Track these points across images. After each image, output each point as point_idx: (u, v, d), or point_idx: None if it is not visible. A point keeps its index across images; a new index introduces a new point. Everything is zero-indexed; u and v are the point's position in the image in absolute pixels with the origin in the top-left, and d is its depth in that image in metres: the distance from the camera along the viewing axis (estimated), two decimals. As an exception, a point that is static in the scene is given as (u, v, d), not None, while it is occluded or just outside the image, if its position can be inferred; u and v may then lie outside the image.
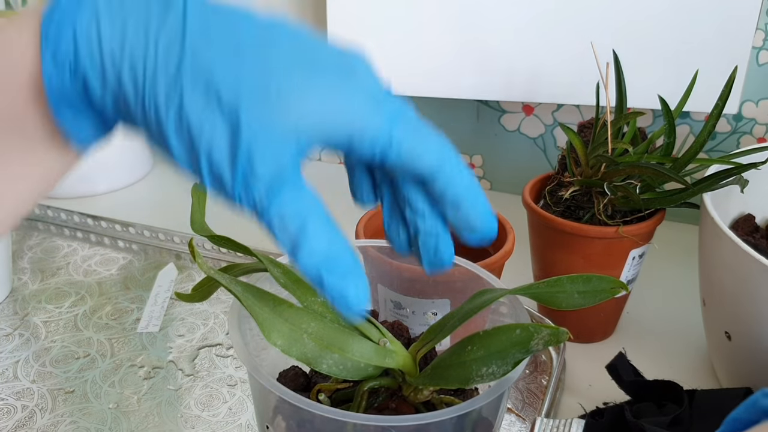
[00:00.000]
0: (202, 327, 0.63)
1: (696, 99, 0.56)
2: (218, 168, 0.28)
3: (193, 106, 0.27)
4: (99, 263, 0.73)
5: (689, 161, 0.53)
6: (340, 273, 0.29)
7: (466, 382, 0.32)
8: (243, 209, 0.28)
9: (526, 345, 0.31)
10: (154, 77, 0.27)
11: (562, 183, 0.58)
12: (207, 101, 0.27)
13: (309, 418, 0.33)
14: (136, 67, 0.27)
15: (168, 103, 0.27)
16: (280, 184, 0.28)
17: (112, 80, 0.28)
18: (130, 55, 0.27)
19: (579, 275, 0.34)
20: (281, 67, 0.28)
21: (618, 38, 0.66)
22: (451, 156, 0.31)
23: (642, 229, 0.55)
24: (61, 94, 0.28)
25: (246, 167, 0.27)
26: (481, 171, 0.88)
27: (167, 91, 0.27)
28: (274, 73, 0.27)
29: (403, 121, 0.30)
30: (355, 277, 0.29)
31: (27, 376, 0.57)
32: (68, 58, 0.28)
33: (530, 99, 0.74)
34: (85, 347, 0.61)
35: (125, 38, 0.27)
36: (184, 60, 0.27)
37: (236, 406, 0.54)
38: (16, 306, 0.66)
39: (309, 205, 0.29)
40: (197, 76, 0.27)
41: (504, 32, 0.71)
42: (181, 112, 0.27)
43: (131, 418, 0.53)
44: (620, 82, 0.57)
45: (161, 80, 0.27)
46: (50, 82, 0.28)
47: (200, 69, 0.27)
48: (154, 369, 0.58)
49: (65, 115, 0.29)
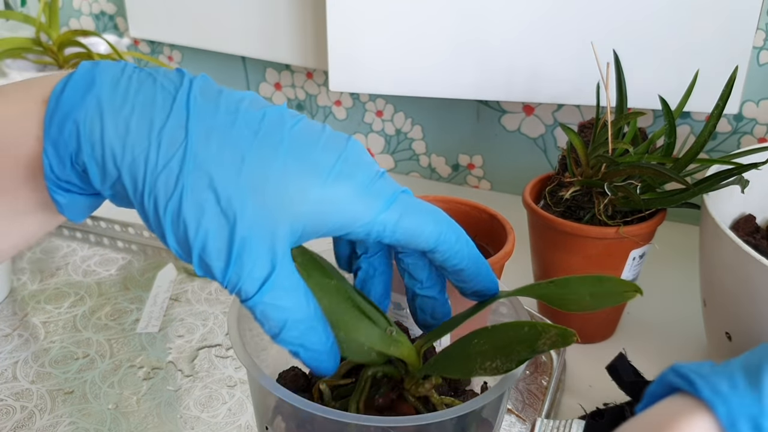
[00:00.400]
0: (201, 327, 0.63)
1: (696, 99, 0.56)
2: (209, 263, 0.29)
3: (190, 208, 0.28)
4: (98, 263, 0.73)
5: (690, 161, 0.53)
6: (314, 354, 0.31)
7: (468, 374, 0.32)
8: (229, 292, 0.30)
9: (533, 344, 0.31)
10: (154, 177, 0.28)
11: (562, 183, 0.58)
12: (204, 204, 0.28)
13: (308, 418, 0.33)
14: (137, 166, 0.28)
15: (167, 203, 0.28)
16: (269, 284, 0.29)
17: (113, 174, 0.28)
18: (131, 153, 0.28)
19: (589, 276, 0.33)
20: (279, 169, 0.28)
21: (618, 38, 0.66)
22: (449, 230, 0.33)
23: (642, 229, 0.55)
24: (58, 180, 0.29)
25: (235, 265, 0.28)
26: (481, 171, 0.88)
27: (167, 191, 0.28)
28: (272, 175, 0.28)
29: (397, 207, 0.31)
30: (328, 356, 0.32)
31: (26, 377, 0.57)
32: (69, 150, 0.28)
33: (531, 99, 0.74)
34: (85, 348, 0.61)
35: (128, 136, 0.28)
36: (185, 163, 0.28)
37: (236, 407, 0.54)
38: (15, 306, 0.66)
39: (294, 304, 0.30)
40: (197, 179, 0.28)
41: (504, 32, 0.71)
42: (180, 211, 0.28)
43: (130, 418, 0.53)
44: (621, 82, 0.57)
45: (161, 180, 0.28)
46: (50, 169, 0.29)
47: (200, 173, 0.28)
48: (154, 369, 0.58)
49: (60, 196, 0.30)
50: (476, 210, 0.58)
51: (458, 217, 0.59)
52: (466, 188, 0.90)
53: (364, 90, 0.80)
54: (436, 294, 0.36)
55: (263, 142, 0.29)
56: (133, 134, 0.28)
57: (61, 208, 0.30)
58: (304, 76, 0.92)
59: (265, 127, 0.29)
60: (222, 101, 0.29)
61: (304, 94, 0.94)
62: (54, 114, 0.28)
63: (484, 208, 0.57)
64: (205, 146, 0.28)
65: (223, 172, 0.28)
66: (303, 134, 0.30)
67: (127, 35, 0.99)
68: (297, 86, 0.93)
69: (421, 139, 0.89)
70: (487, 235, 0.57)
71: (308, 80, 0.92)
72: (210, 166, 0.28)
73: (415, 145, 0.90)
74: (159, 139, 0.28)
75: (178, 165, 0.28)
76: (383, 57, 0.76)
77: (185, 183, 0.28)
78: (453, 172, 0.90)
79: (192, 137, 0.28)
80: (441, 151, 0.89)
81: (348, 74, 0.78)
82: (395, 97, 0.88)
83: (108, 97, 0.28)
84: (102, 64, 0.29)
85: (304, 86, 0.93)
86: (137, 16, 0.95)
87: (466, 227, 0.59)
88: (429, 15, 0.73)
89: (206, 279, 0.70)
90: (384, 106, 0.89)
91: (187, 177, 0.28)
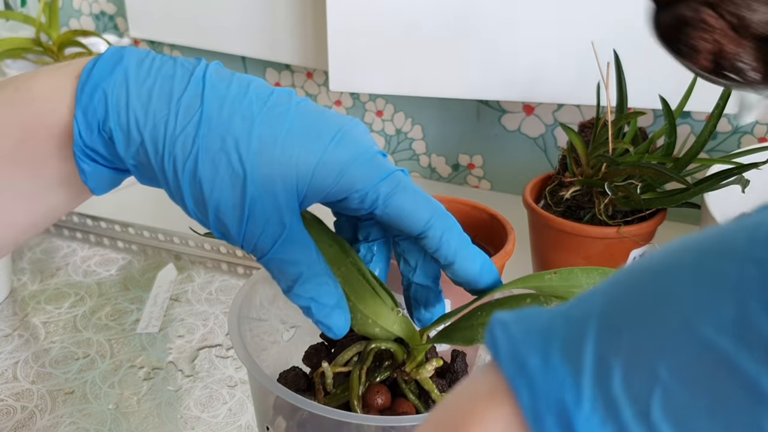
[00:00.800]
0: (201, 328, 0.63)
1: (697, 99, 0.56)
2: (225, 222, 0.31)
3: (205, 168, 0.31)
4: (98, 264, 0.73)
5: (690, 161, 0.53)
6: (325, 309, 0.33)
7: (469, 342, 0.33)
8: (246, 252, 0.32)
9: None
10: (173, 140, 0.31)
11: (562, 183, 0.58)
12: (218, 164, 0.31)
13: (309, 418, 0.33)
14: (157, 131, 0.31)
15: (184, 163, 0.31)
16: (281, 240, 0.31)
17: (136, 140, 0.31)
18: (153, 119, 0.31)
19: (594, 268, 0.33)
20: (285, 136, 0.31)
21: (619, 38, 0.66)
22: (441, 218, 0.34)
23: (643, 229, 0.55)
24: (86, 148, 0.32)
25: (249, 223, 0.31)
26: (481, 171, 0.88)
27: (184, 152, 0.31)
28: (279, 140, 0.31)
29: (394, 182, 0.33)
30: (339, 311, 0.33)
31: (26, 377, 0.57)
32: (98, 117, 0.31)
33: (531, 99, 0.74)
34: (85, 348, 0.61)
35: (150, 104, 0.31)
36: (200, 126, 0.31)
37: (236, 407, 0.54)
38: (16, 307, 0.66)
39: (305, 258, 0.32)
40: (211, 142, 0.31)
41: (504, 32, 0.71)
42: (195, 171, 0.31)
43: (131, 419, 0.53)
44: (621, 82, 0.57)
45: (179, 143, 0.31)
46: (79, 137, 0.31)
47: (214, 136, 0.31)
48: (154, 370, 0.58)
49: (86, 165, 0.32)
50: (476, 210, 0.58)
51: (458, 217, 0.58)
52: (467, 188, 0.90)
53: (364, 90, 0.80)
54: (430, 283, 0.37)
55: (272, 110, 0.31)
56: (154, 102, 0.31)
57: (85, 177, 0.33)
58: (304, 76, 0.92)
59: (273, 99, 0.32)
60: (234, 79, 0.32)
61: (304, 94, 0.94)
62: (85, 84, 0.31)
63: (484, 208, 0.57)
64: (218, 113, 0.31)
65: (235, 135, 0.31)
66: (309, 108, 0.33)
67: (127, 35, 0.99)
68: (297, 86, 0.93)
69: (421, 139, 0.89)
70: (487, 235, 0.57)
71: (308, 80, 0.92)
72: (223, 130, 0.31)
73: (415, 145, 0.90)
74: (177, 107, 0.31)
75: (194, 129, 0.30)
76: (383, 57, 0.76)
77: (200, 145, 0.30)
78: (453, 172, 0.90)
79: (207, 105, 0.31)
80: (441, 151, 0.89)
81: (348, 74, 0.78)
82: (395, 97, 0.88)
83: (134, 71, 0.31)
84: (129, 47, 0.33)
85: (304, 86, 0.93)
86: (137, 17, 0.95)
87: (466, 227, 0.59)
88: (429, 15, 0.73)
89: (206, 279, 0.70)
90: (384, 106, 0.89)
91: (202, 140, 0.30)
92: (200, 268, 0.72)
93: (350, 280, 0.35)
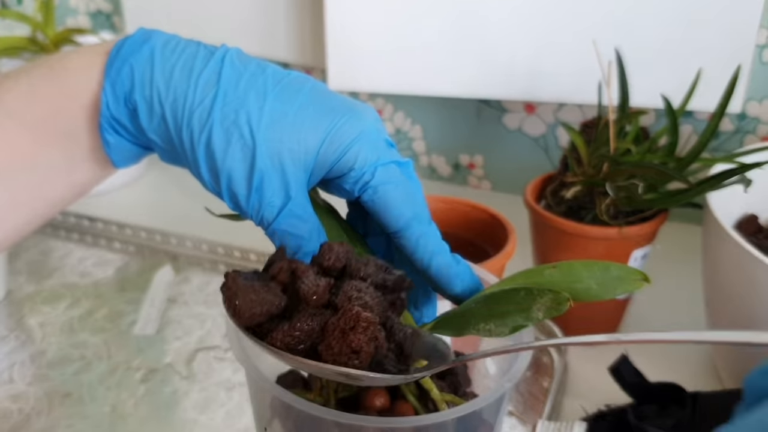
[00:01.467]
0: (199, 329, 0.63)
1: (699, 98, 0.56)
2: (235, 191, 0.33)
3: (219, 139, 0.32)
4: (95, 265, 0.73)
5: (692, 161, 0.53)
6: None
7: (460, 332, 0.32)
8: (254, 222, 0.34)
9: (528, 310, 0.30)
10: (191, 112, 0.33)
11: (564, 183, 0.58)
12: (230, 137, 0.32)
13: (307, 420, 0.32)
14: (177, 103, 0.33)
15: (200, 135, 0.33)
16: (286, 211, 0.33)
17: (158, 112, 0.33)
18: (174, 92, 0.33)
19: (594, 262, 0.32)
20: (296, 111, 0.33)
21: (621, 37, 0.66)
22: (422, 222, 0.34)
23: (645, 229, 0.54)
24: (112, 120, 0.34)
25: (257, 193, 0.33)
26: (482, 171, 0.88)
27: (200, 124, 0.33)
28: (289, 116, 0.33)
29: (391, 171, 0.34)
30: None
31: (23, 379, 0.57)
32: (124, 89, 0.33)
33: (532, 98, 0.74)
34: (82, 350, 0.60)
35: (171, 79, 0.33)
36: (216, 100, 0.33)
37: (234, 409, 0.54)
38: (12, 308, 0.66)
39: (307, 232, 0.33)
40: (225, 114, 0.32)
41: (505, 30, 0.71)
42: (210, 141, 0.33)
43: (128, 421, 0.52)
44: (623, 81, 0.57)
45: (196, 115, 0.33)
46: (107, 107, 0.34)
47: (229, 110, 0.33)
48: (151, 372, 0.58)
49: (111, 136, 0.35)
50: (477, 210, 0.57)
51: (459, 218, 0.58)
52: (467, 188, 0.89)
53: (364, 89, 0.79)
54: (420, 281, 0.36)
55: (286, 88, 0.33)
56: (176, 77, 0.33)
57: (108, 148, 0.35)
58: (303, 76, 0.92)
59: (288, 78, 0.34)
60: (254, 61, 0.34)
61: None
62: (115, 59, 0.34)
63: (484, 208, 0.57)
64: (234, 89, 0.33)
65: (248, 109, 0.32)
66: (323, 89, 0.34)
67: (123, 34, 0.99)
68: (296, 86, 0.93)
69: (421, 139, 0.89)
70: (487, 236, 0.56)
71: (307, 80, 0.92)
72: (237, 104, 0.33)
73: (415, 144, 0.89)
74: (197, 82, 0.33)
75: (210, 102, 0.33)
76: (382, 55, 0.76)
77: (215, 117, 0.32)
78: (453, 171, 0.89)
79: (224, 81, 0.33)
80: (441, 150, 0.89)
81: (347, 73, 0.77)
82: (395, 96, 0.87)
83: (159, 49, 0.34)
84: (157, 30, 0.35)
85: (303, 86, 0.92)
86: (134, 15, 0.94)
87: (466, 227, 0.59)
88: (429, 12, 0.72)
89: (203, 281, 0.69)
90: (384, 105, 0.89)
91: (217, 112, 0.32)
92: (197, 270, 0.71)
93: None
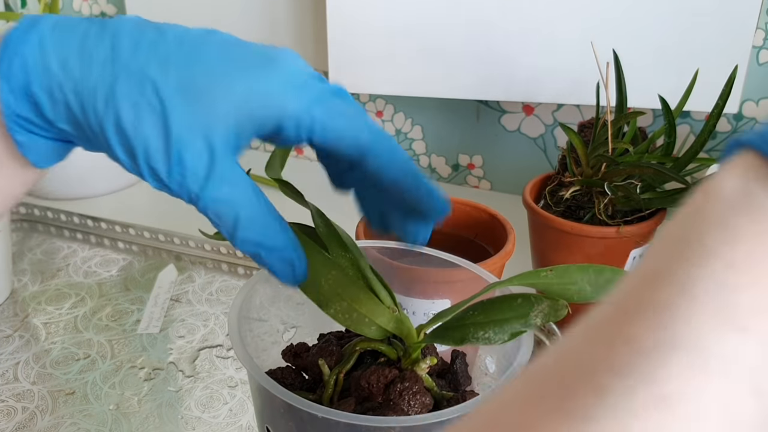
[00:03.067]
0: (202, 328, 0.63)
1: (696, 98, 0.56)
2: (155, 167, 0.30)
3: (127, 114, 0.30)
4: (99, 264, 0.73)
5: (690, 161, 0.53)
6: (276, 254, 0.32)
7: (460, 342, 0.33)
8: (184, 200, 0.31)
9: (526, 317, 0.31)
10: (93, 93, 0.30)
11: (562, 183, 0.58)
12: (139, 109, 0.30)
13: (308, 418, 0.33)
14: (77, 86, 0.30)
15: (107, 114, 0.30)
16: (213, 178, 0.30)
17: (60, 100, 0.31)
18: (71, 75, 0.30)
19: (589, 265, 0.33)
20: (204, 67, 0.30)
21: (618, 37, 0.66)
22: (381, 138, 0.32)
23: (643, 229, 0.55)
24: (16, 118, 0.31)
25: (177, 164, 0.30)
26: (481, 171, 0.88)
27: (105, 103, 0.30)
28: (198, 73, 0.30)
29: (327, 103, 0.31)
30: (291, 256, 0.32)
31: (27, 378, 0.57)
32: (20, 83, 0.31)
33: (530, 99, 0.74)
34: (86, 349, 0.61)
35: (67, 62, 0.30)
36: (117, 76, 0.30)
37: (237, 407, 0.54)
38: (16, 307, 0.66)
39: (241, 197, 0.31)
40: (129, 87, 0.30)
41: (504, 32, 0.71)
42: (119, 119, 0.30)
43: (132, 419, 0.53)
44: (620, 82, 0.57)
45: (99, 95, 0.30)
46: (7, 106, 0.31)
47: (131, 81, 0.30)
48: (155, 370, 0.58)
49: (21, 135, 0.32)
50: (476, 210, 0.58)
51: (459, 217, 0.59)
52: (466, 188, 0.90)
53: (364, 90, 0.80)
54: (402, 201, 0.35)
55: (188, 47, 0.31)
56: (71, 60, 0.30)
57: (22, 148, 0.32)
58: (304, 77, 0.92)
59: (190, 38, 0.31)
60: (151, 26, 0.32)
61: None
62: (3, 53, 0.31)
63: (484, 208, 0.57)
64: (133, 57, 0.30)
65: (152, 79, 0.30)
66: (231, 41, 0.32)
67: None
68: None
69: (421, 139, 0.89)
70: (487, 235, 0.57)
71: (308, 81, 0.92)
72: (140, 76, 0.30)
73: (415, 145, 0.90)
74: (91, 61, 0.30)
75: (111, 79, 0.30)
76: (383, 57, 0.76)
77: (119, 93, 0.30)
78: (453, 172, 0.90)
79: (122, 55, 0.30)
80: (441, 151, 0.89)
81: (347, 74, 0.78)
82: (395, 97, 0.88)
83: (49, 33, 0.31)
84: (47, 15, 0.32)
85: (304, 87, 0.93)
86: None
87: (466, 227, 0.60)
88: (428, 15, 0.73)
89: (206, 280, 0.70)
90: (384, 106, 0.89)
91: (120, 86, 0.30)
92: (201, 269, 0.72)
93: (348, 281, 0.35)
